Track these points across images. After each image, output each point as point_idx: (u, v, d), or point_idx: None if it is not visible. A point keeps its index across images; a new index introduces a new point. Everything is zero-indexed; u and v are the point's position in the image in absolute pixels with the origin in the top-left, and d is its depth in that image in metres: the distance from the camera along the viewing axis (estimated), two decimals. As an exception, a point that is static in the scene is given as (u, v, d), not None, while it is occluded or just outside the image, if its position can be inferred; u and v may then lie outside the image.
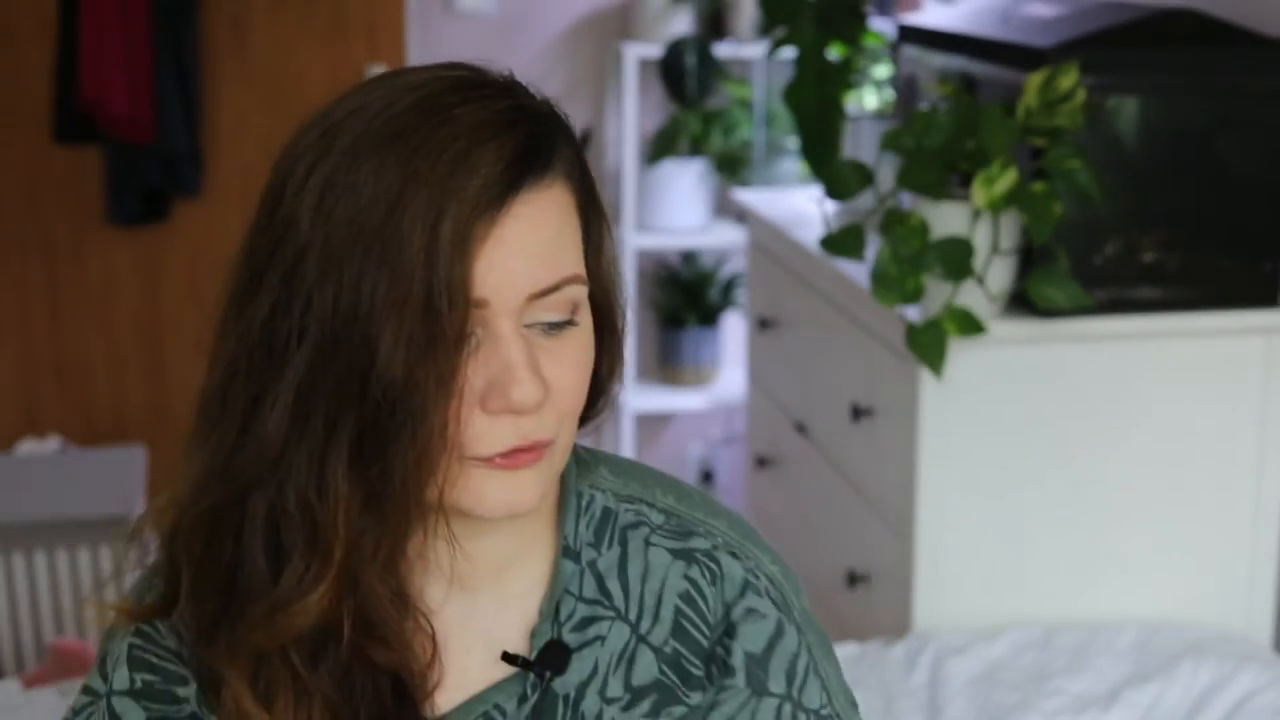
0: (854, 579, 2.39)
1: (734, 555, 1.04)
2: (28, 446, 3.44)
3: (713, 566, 1.03)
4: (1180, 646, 2.08)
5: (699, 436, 4.17)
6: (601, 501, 1.05)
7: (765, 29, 2.82)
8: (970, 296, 2.06)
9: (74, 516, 2.88)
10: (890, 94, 2.85)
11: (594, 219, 0.99)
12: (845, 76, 2.61)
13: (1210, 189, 2.13)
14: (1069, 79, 1.99)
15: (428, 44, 3.80)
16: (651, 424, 4.14)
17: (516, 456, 0.93)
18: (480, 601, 1.02)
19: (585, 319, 0.96)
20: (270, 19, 3.47)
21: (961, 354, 2.10)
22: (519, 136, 0.92)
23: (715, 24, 3.87)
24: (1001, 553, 2.18)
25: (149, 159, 3.38)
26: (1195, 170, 2.12)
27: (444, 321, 0.88)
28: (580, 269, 0.95)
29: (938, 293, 2.06)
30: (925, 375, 2.11)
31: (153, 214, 3.47)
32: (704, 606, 1.02)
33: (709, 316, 3.97)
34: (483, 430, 0.92)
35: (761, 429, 3.00)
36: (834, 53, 2.62)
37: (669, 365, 4.01)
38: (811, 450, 2.65)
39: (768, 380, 2.94)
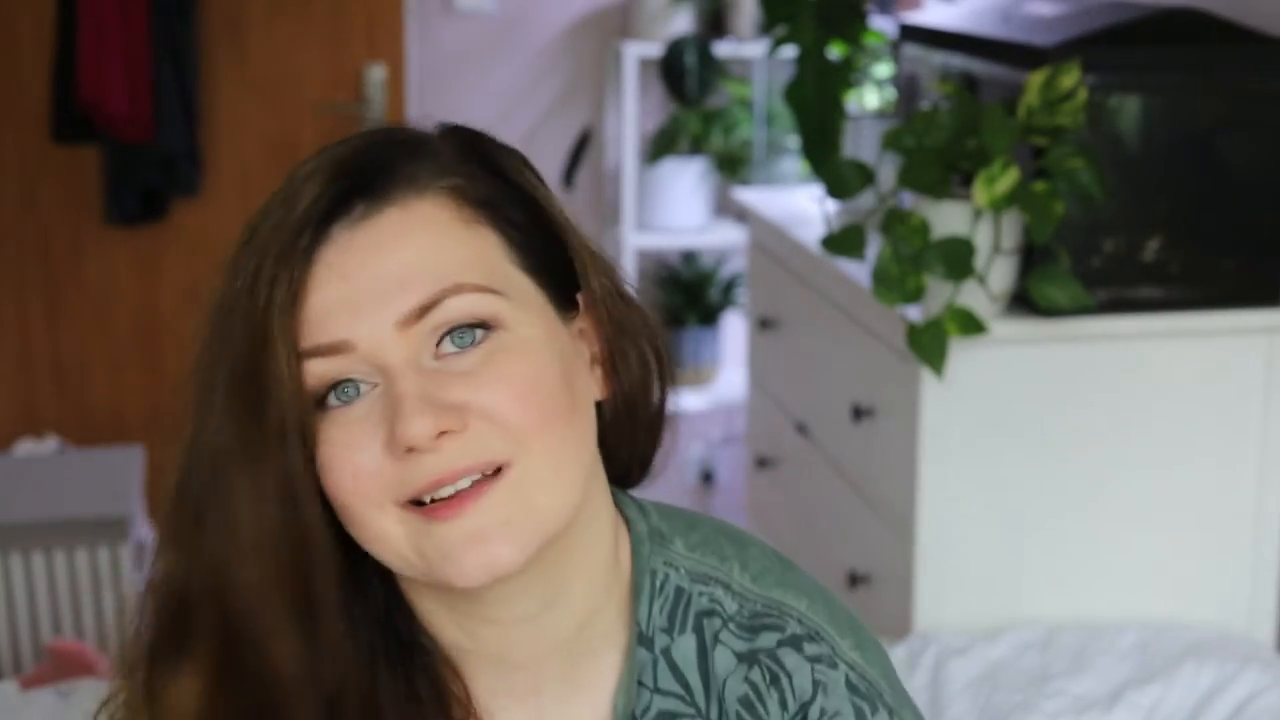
0: (855, 580, 2.38)
1: (809, 640, 0.96)
2: (25, 447, 3.43)
3: (773, 667, 0.94)
4: (1182, 647, 2.07)
5: (699, 436, 4.17)
6: (675, 581, 0.96)
7: (766, 28, 2.81)
8: (971, 296, 2.06)
9: (72, 517, 2.88)
10: (891, 93, 2.84)
11: (528, 235, 0.89)
12: (846, 75, 2.60)
13: (1212, 188, 2.13)
14: (1070, 78, 1.98)
15: (427, 43, 3.79)
16: (651, 424, 4.12)
17: (455, 502, 0.84)
18: (548, 700, 0.95)
19: (517, 330, 0.86)
20: (269, 18, 3.46)
21: (962, 354, 2.10)
22: (343, 171, 0.85)
23: (715, 23, 3.86)
24: (1003, 553, 2.17)
25: (147, 159, 3.37)
26: (1197, 169, 2.12)
27: (267, 393, 0.83)
28: (476, 277, 0.85)
29: (939, 292, 2.05)
30: (926, 375, 2.10)
31: (151, 214, 3.46)
32: (762, 710, 0.94)
33: (709, 316, 3.96)
34: (395, 474, 0.84)
35: (762, 429, 3.00)
36: (835, 51, 2.61)
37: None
38: (812, 451, 2.65)
39: (768, 380, 2.93)
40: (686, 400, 3.95)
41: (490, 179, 0.89)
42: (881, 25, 2.98)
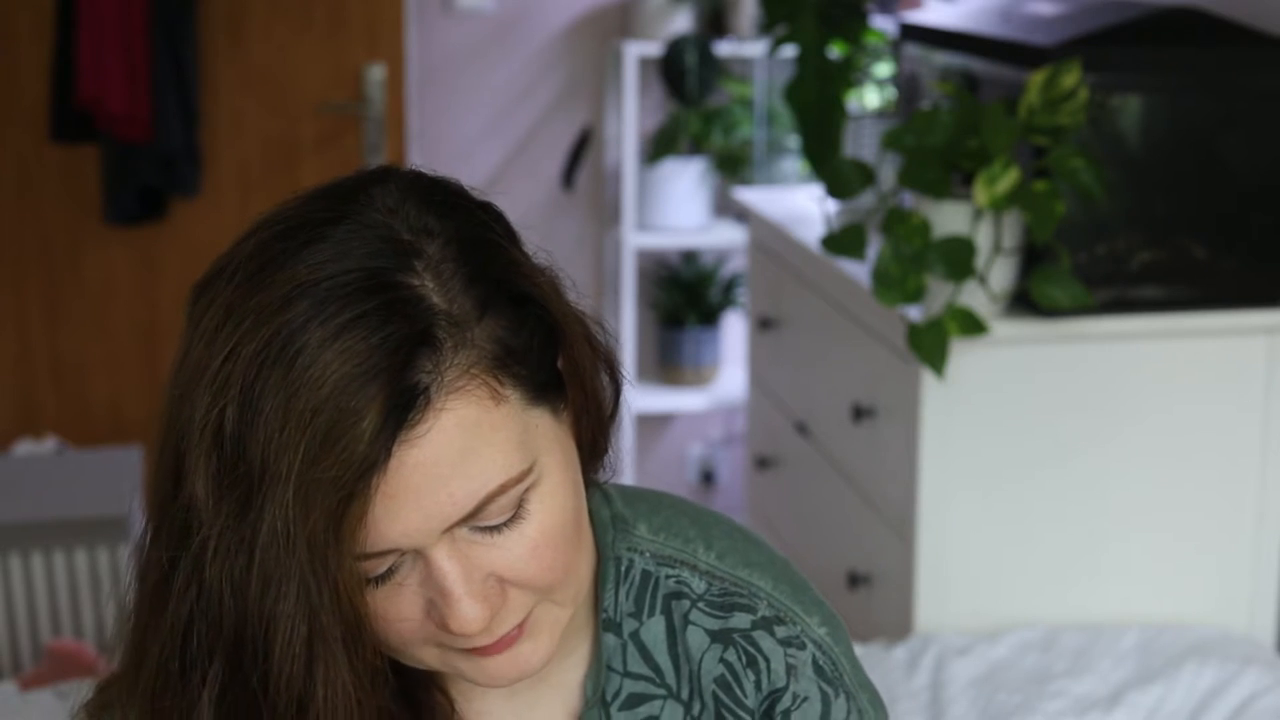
0: (855, 580, 2.38)
1: (778, 623, 0.97)
2: (25, 447, 3.43)
3: (750, 650, 0.97)
4: (1183, 648, 2.07)
5: (699, 437, 4.16)
6: (640, 565, 0.98)
7: (766, 27, 2.80)
8: (972, 296, 2.05)
9: (71, 517, 2.87)
10: (892, 92, 2.84)
11: (534, 350, 0.85)
12: (846, 75, 2.60)
13: (1213, 188, 2.13)
14: (1071, 77, 1.98)
15: (427, 43, 3.79)
16: (651, 424, 4.13)
17: (493, 646, 0.86)
18: (521, 692, 0.97)
19: (546, 488, 0.85)
20: (268, 17, 3.46)
21: (963, 354, 2.09)
22: (387, 382, 0.79)
23: (716, 22, 3.86)
24: (1003, 553, 2.17)
25: (146, 158, 3.36)
26: (1198, 169, 2.11)
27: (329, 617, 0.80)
28: (513, 466, 0.83)
29: (939, 292, 2.05)
30: (927, 375, 2.10)
31: (150, 213, 3.46)
32: (740, 693, 0.97)
33: (709, 316, 3.96)
34: (437, 634, 0.85)
35: (762, 429, 2.99)
36: (835, 51, 2.61)
37: (669, 365, 4.00)
38: (812, 451, 2.64)
39: (768, 380, 2.93)
40: (686, 400, 3.95)
41: (498, 313, 0.84)
42: (882, 25, 2.98)
